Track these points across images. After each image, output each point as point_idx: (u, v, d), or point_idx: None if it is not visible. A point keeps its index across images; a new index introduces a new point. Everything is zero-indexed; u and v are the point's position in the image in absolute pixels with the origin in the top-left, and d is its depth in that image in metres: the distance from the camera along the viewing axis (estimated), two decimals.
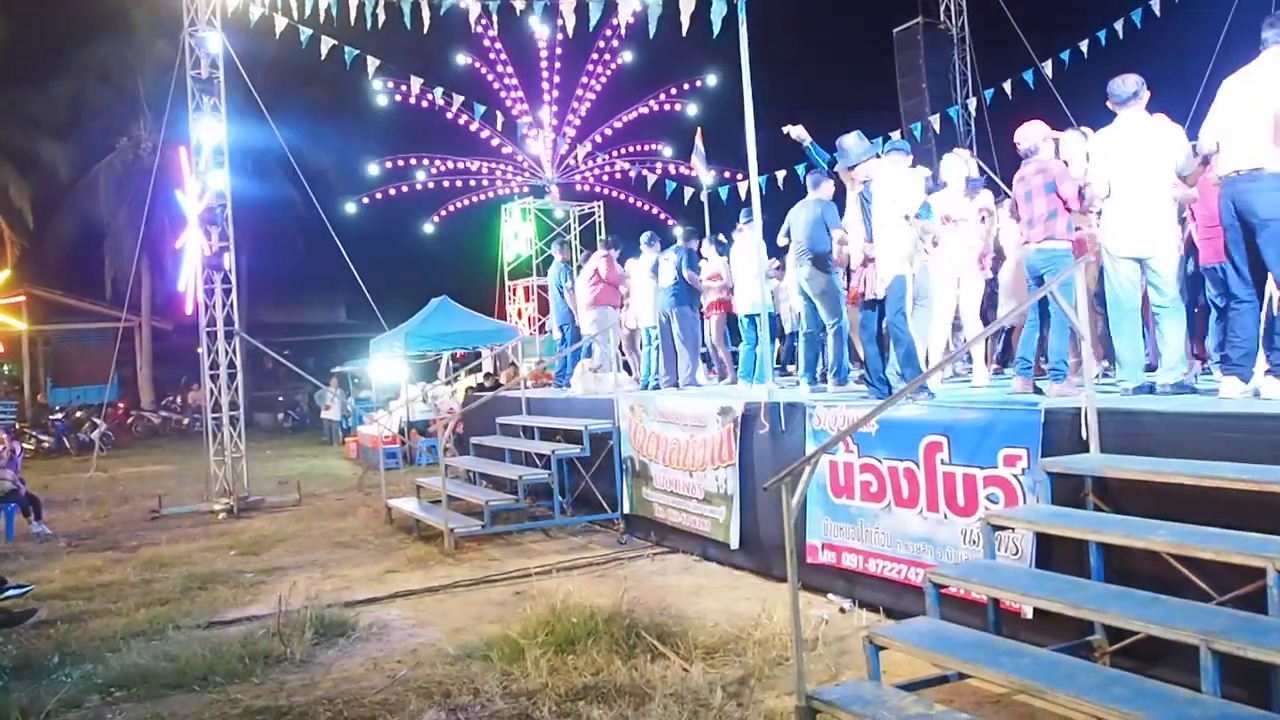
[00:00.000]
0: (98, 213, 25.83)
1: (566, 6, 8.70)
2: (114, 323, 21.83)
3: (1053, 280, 5.05)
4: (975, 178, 7.83)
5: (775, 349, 10.16)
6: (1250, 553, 3.43)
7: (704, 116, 21.21)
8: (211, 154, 11.99)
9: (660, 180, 18.40)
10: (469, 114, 19.73)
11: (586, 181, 23.68)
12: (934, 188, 7.42)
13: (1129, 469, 4.24)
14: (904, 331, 6.31)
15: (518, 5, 9.68)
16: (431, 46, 15.63)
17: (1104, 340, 6.43)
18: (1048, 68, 13.47)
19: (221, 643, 5.63)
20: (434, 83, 14.52)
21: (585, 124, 23.38)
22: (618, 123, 23.39)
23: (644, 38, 9.39)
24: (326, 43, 11.37)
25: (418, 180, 22.46)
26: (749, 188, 7.38)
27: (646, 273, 9.97)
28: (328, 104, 24.97)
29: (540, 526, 8.97)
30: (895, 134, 15.21)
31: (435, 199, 22.96)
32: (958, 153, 7.76)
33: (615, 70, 23.11)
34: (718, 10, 6.86)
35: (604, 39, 22.24)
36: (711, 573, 7.17)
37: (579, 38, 19.06)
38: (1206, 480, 3.83)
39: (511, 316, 22.23)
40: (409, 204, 22.94)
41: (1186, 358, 5.65)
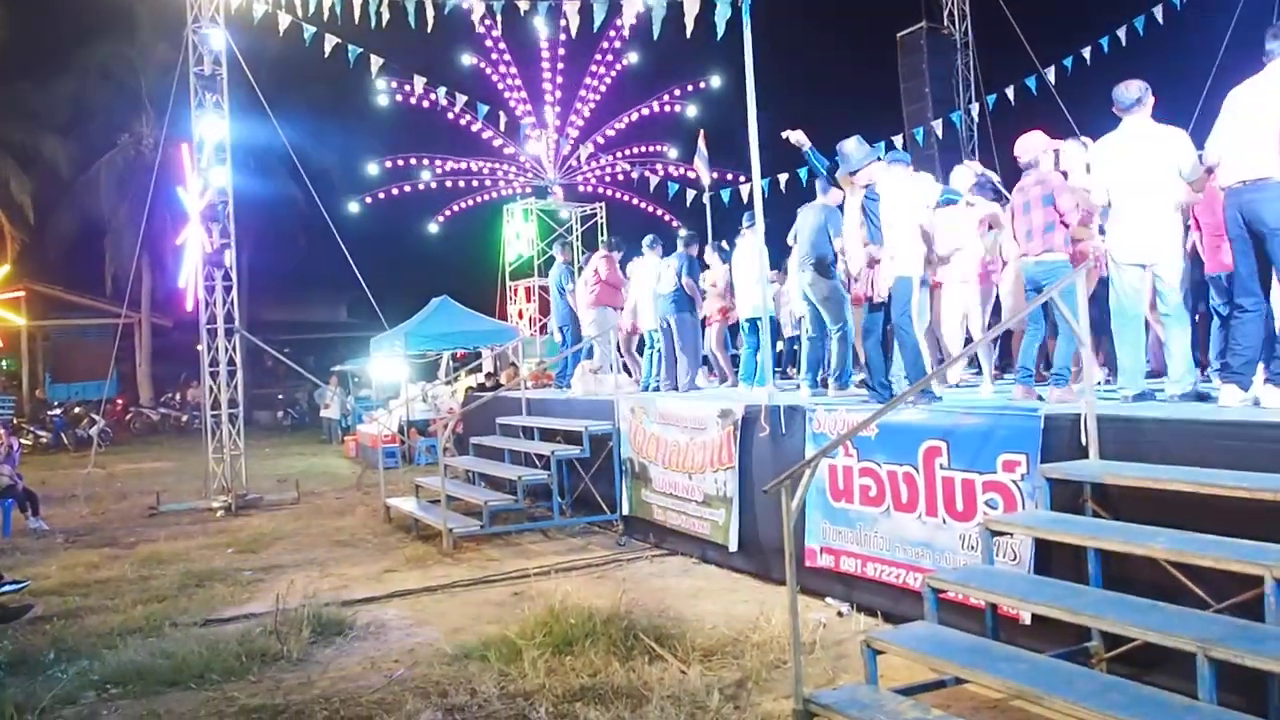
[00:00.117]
0: (99, 209, 25.78)
1: (570, 7, 8.71)
2: (114, 319, 21.86)
3: (1052, 287, 5.04)
4: (982, 174, 7.81)
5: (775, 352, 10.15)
6: (1248, 560, 3.43)
7: (707, 118, 21.21)
8: (214, 151, 12.01)
9: (663, 182, 18.41)
10: (472, 114, 19.82)
11: (589, 182, 23.66)
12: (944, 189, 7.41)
13: (1128, 475, 4.24)
14: (909, 334, 6.30)
15: (522, 5, 9.68)
16: (435, 46, 15.63)
17: (1103, 347, 6.42)
18: (1051, 74, 13.48)
19: (218, 640, 5.63)
20: (437, 82, 14.55)
21: (588, 125, 23.39)
22: (620, 124, 23.38)
23: (647, 39, 9.38)
24: (330, 41, 11.39)
25: (420, 180, 22.46)
26: (751, 190, 7.39)
27: (648, 275, 9.97)
28: (330, 102, 24.97)
29: (539, 527, 8.96)
30: (898, 139, 15.26)
31: (437, 199, 23.01)
32: (968, 164, 7.75)
33: (619, 71, 23.10)
34: (722, 13, 6.87)
35: (608, 39, 22.20)
36: (710, 575, 7.17)
37: (583, 38, 19.10)
38: (1205, 488, 3.83)
39: (512, 317, 22.22)
40: (411, 203, 22.96)
41: (1193, 366, 5.64)
